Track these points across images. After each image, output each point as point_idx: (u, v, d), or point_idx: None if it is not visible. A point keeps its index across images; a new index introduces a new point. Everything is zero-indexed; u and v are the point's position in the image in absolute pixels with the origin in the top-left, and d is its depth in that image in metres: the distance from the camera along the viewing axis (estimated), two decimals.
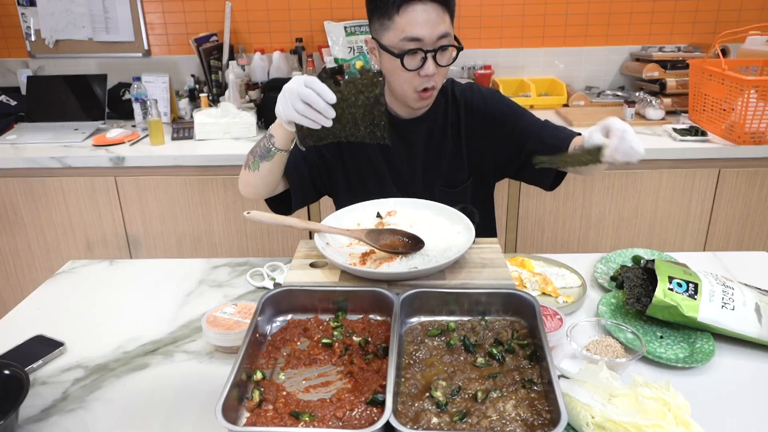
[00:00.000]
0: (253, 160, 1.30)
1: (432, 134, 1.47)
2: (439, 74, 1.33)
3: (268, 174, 1.32)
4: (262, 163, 1.28)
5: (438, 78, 1.33)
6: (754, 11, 2.80)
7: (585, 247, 2.39)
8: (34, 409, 1.01)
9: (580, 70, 2.95)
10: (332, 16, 2.86)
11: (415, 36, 1.26)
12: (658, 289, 1.12)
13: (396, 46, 1.28)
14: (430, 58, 1.28)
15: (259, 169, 1.30)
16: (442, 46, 1.28)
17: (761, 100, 2.12)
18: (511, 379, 0.89)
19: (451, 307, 1.05)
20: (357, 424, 0.82)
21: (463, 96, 1.48)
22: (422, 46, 1.27)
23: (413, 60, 1.29)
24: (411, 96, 1.36)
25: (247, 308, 1.18)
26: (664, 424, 0.83)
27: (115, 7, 2.89)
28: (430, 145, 1.47)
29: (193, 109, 2.66)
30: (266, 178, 1.34)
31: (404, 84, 1.33)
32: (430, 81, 1.31)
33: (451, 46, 1.30)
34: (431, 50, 1.28)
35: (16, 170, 2.36)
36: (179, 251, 2.46)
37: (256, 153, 1.30)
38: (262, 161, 1.28)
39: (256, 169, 1.31)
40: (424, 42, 1.26)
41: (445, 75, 1.36)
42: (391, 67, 1.32)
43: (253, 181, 1.35)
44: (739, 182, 2.27)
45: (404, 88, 1.34)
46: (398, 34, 1.27)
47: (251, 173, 1.33)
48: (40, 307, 1.33)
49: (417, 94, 1.34)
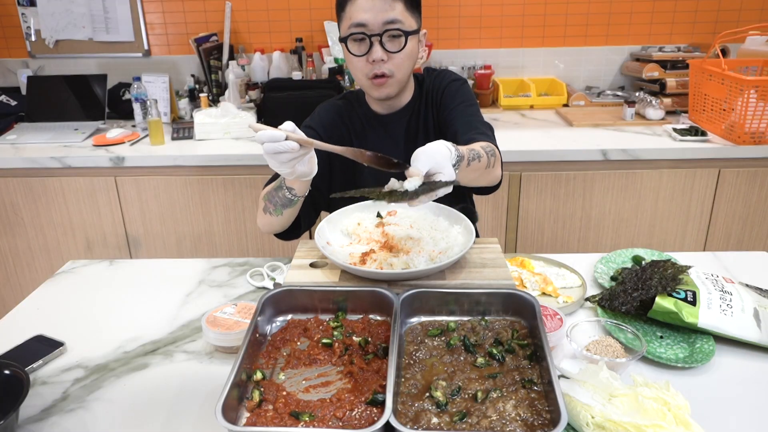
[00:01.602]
0: (275, 208, 1.31)
1: (410, 126, 1.49)
2: (392, 62, 1.33)
3: (291, 216, 1.36)
4: (285, 210, 1.30)
5: (392, 66, 1.33)
6: (754, 11, 2.80)
7: (585, 247, 2.39)
8: (34, 409, 1.01)
9: (580, 70, 2.95)
10: (332, 16, 2.86)
11: (358, 21, 1.29)
12: (659, 296, 1.13)
13: (345, 34, 1.33)
14: (376, 42, 1.30)
15: (282, 215, 1.32)
16: (388, 31, 1.30)
17: (761, 100, 2.12)
18: (511, 379, 0.89)
19: (451, 307, 1.05)
20: (357, 424, 0.82)
21: (431, 85, 1.49)
22: (366, 31, 1.29)
23: (359, 46, 1.32)
24: (366, 84, 1.37)
25: (247, 308, 1.18)
26: (664, 424, 0.83)
27: (115, 7, 2.89)
28: (408, 137, 1.49)
29: (193, 109, 2.66)
30: (289, 220, 1.37)
31: (358, 73, 1.36)
32: (380, 67, 1.32)
33: (400, 33, 1.31)
34: (376, 34, 1.29)
35: (16, 170, 2.36)
36: (179, 251, 2.46)
37: (276, 203, 1.30)
38: (285, 209, 1.29)
39: (279, 215, 1.33)
40: (368, 27, 1.29)
41: (402, 64, 1.35)
42: (347, 58, 1.36)
43: (277, 223, 1.37)
44: (739, 182, 2.27)
45: (359, 76, 1.37)
46: (347, 23, 1.32)
47: (274, 218, 1.34)
48: (40, 307, 1.33)
49: (370, 82, 1.35)
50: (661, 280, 1.18)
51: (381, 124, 1.49)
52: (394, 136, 1.49)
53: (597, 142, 2.29)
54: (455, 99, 1.46)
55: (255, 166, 2.30)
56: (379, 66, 1.32)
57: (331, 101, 1.56)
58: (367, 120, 1.51)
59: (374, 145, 1.50)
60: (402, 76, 1.37)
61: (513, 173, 2.28)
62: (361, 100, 1.52)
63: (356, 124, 1.51)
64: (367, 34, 1.30)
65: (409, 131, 1.49)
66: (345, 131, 1.51)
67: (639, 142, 2.28)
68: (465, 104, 1.45)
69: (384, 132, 1.50)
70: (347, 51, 1.34)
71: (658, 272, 1.21)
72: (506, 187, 2.32)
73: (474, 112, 1.45)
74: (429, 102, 1.49)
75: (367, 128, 1.51)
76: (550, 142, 2.29)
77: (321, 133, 1.47)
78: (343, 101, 1.55)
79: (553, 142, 2.30)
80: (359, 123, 1.51)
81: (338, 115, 1.52)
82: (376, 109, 1.49)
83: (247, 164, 2.30)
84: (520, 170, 2.28)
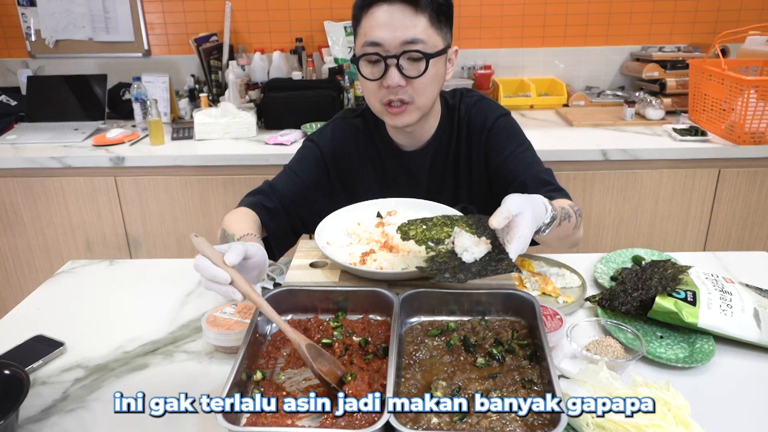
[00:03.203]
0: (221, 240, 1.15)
1: (435, 163, 1.33)
2: (412, 87, 1.16)
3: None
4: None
5: (411, 93, 1.16)
6: (754, 11, 2.80)
7: (585, 247, 2.39)
8: (34, 409, 1.01)
9: (580, 70, 2.95)
10: (332, 16, 2.86)
11: (373, 39, 1.12)
12: (659, 296, 1.13)
13: (359, 53, 1.16)
14: (393, 66, 1.13)
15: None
16: (406, 53, 1.12)
17: (761, 100, 2.12)
18: (511, 379, 0.89)
19: (451, 307, 1.05)
20: (357, 424, 0.82)
21: (468, 116, 1.31)
22: (381, 52, 1.12)
23: (373, 68, 1.15)
24: (380, 111, 1.21)
25: (247, 308, 1.18)
26: (664, 424, 0.83)
27: (115, 7, 2.89)
28: (433, 174, 1.34)
29: (193, 109, 2.66)
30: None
31: (371, 97, 1.20)
32: (396, 93, 1.15)
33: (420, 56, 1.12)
34: (392, 56, 1.12)
35: (16, 170, 2.36)
36: (179, 251, 2.46)
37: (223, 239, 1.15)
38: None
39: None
40: (384, 47, 1.12)
41: (423, 90, 1.17)
42: (360, 79, 1.20)
43: None
44: (739, 182, 2.27)
45: (372, 102, 1.21)
46: (362, 39, 1.15)
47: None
48: (40, 307, 1.33)
49: (384, 108, 1.19)
50: (661, 280, 1.18)
51: (400, 159, 1.33)
52: (414, 171, 1.33)
53: (597, 142, 2.29)
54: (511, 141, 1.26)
55: (255, 166, 2.30)
56: (395, 92, 1.15)
57: (349, 119, 1.37)
58: (385, 149, 1.34)
59: (392, 179, 1.35)
60: (424, 102, 1.19)
61: None
62: (380, 125, 1.34)
63: (372, 152, 1.35)
64: (382, 56, 1.13)
65: (434, 167, 1.32)
66: (357, 158, 1.34)
67: (639, 142, 2.28)
68: (523, 147, 1.27)
69: (404, 166, 1.33)
70: (360, 73, 1.18)
71: (658, 272, 1.21)
72: None
73: (535, 158, 1.27)
74: (462, 135, 1.30)
75: (386, 159, 1.35)
76: (550, 142, 2.29)
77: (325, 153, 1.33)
78: (361, 120, 1.36)
79: (553, 142, 2.30)
80: (375, 151, 1.35)
81: (352, 138, 1.35)
82: (397, 140, 1.31)
83: (247, 164, 2.30)
84: None
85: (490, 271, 0.88)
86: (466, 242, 0.92)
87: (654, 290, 1.15)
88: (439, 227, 1.02)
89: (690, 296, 1.13)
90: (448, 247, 0.96)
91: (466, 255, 0.92)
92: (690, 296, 1.13)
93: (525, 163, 1.25)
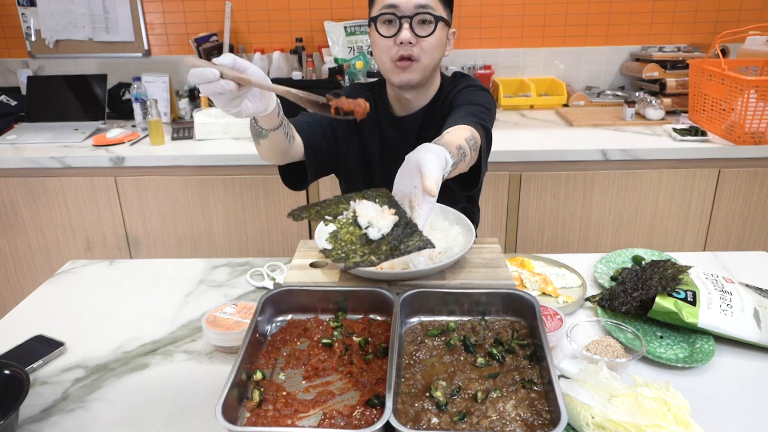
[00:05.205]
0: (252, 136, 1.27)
1: (423, 128, 1.47)
2: (420, 47, 1.33)
3: (269, 149, 1.29)
4: (260, 140, 1.24)
5: (419, 51, 1.33)
6: (754, 11, 2.80)
7: (585, 247, 2.39)
8: (34, 409, 1.01)
9: (580, 70, 2.95)
10: (332, 16, 2.86)
11: (390, 2, 1.31)
12: (659, 296, 1.13)
13: (375, 14, 1.34)
14: (406, 24, 1.31)
15: (260, 144, 1.27)
16: (418, 14, 1.31)
17: (761, 100, 2.12)
18: (511, 379, 0.89)
19: (451, 307, 1.05)
20: (357, 424, 0.82)
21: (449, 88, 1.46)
22: (396, 12, 1.31)
23: (388, 27, 1.33)
24: (389, 68, 1.37)
25: (247, 308, 1.18)
26: (664, 424, 0.83)
27: (115, 7, 2.89)
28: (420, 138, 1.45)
29: (193, 109, 2.66)
30: (269, 152, 1.31)
31: (383, 55, 1.36)
32: (406, 49, 1.32)
33: (431, 18, 1.31)
34: (406, 16, 1.30)
35: (16, 170, 2.36)
36: (179, 251, 2.46)
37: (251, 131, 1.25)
38: (259, 139, 1.24)
39: (258, 144, 1.29)
40: (399, 8, 1.30)
41: (429, 52, 1.35)
42: (373, 40, 1.37)
43: (261, 153, 1.32)
44: (739, 182, 2.27)
45: (383, 59, 1.36)
46: (379, 4, 1.33)
47: (257, 147, 1.31)
48: (40, 307, 1.33)
49: (393, 65, 1.35)
50: (661, 280, 1.18)
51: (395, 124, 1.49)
52: (405, 135, 1.48)
53: (597, 142, 2.29)
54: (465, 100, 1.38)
55: (255, 166, 2.30)
56: (406, 48, 1.32)
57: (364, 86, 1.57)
58: (384, 115, 1.50)
59: (387, 140, 1.51)
60: (427, 62, 1.36)
61: (513, 173, 2.28)
62: (382, 94, 1.52)
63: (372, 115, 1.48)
64: (397, 15, 1.31)
65: (421, 134, 1.47)
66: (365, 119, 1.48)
67: (639, 142, 2.28)
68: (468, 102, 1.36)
69: (397, 129, 1.49)
70: (375, 32, 1.34)
71: (658, 272, 1.21)
72: (506, 187, 2.32)
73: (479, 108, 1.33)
74: (445, 105, 1.45)
75: (383, 123, 1.51)
76: (550, 142, 2.29)
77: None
78: (371, 93, 1.54)
79: (553, 142, 2.30)
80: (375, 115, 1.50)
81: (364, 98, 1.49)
82: (395, 110, 1.49)
83: (247, 164, 2.30)
84: (520, 170, 2.28)
85: (403, 250, 0.87)
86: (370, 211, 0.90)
87: (654, 290, 1.15)
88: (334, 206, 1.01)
89: (690, 296, 1.14)
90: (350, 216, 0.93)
91: (372, 231, 0.90)
92: (690, 296, 1.14)
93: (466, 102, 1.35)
